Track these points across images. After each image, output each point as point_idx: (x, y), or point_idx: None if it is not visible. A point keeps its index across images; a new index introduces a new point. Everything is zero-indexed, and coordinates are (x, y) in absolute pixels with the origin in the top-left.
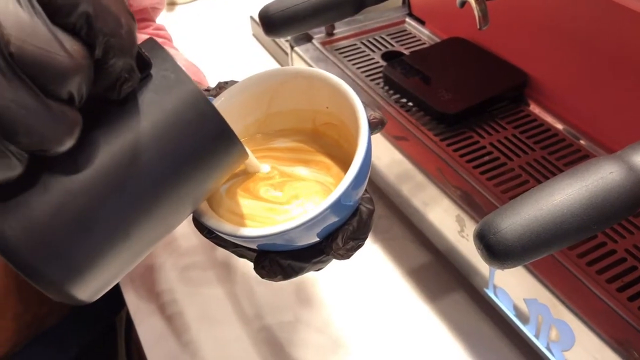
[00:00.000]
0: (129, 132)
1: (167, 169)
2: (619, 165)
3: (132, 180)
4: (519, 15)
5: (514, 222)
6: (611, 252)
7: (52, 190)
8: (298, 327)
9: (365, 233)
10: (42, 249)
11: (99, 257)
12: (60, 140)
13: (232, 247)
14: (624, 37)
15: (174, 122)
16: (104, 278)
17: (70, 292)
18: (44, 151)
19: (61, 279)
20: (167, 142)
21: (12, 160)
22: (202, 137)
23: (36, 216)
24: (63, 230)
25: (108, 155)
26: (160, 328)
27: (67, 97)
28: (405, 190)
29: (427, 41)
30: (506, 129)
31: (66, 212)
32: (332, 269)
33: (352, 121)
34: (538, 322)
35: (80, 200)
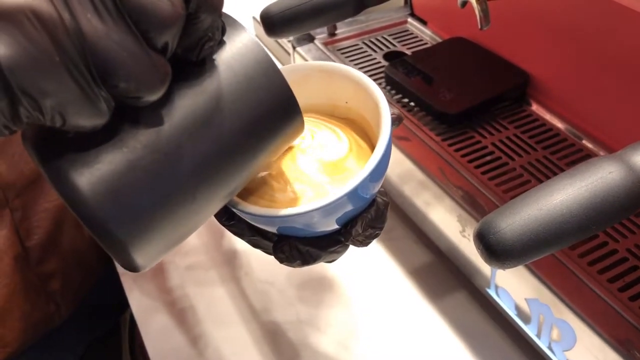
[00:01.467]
0: (203, 94)
1: (238, 132)
2: (618, 165)
3: (204, 140)
4: (520, 15)
5: (513, 222)
6: (612, 252)
7: (129, 145)
8: (301, 327)
9: (382, 223)
10: (114, 206)
11: (165, 219)
12: (154, 88)
13: (248, 235)
14: (625, 37)
15: (246, 87)
16: (165, 244)
17: (132, 254)
18: (137, 99)
19: (128, 239)
20: (238, 105)
21: (102, 106)
22: (270, 102)
23: (110, 171)
24: (135, 188)
25: (184, 114)
26: (163, 328)
27: (162, 46)
28: (407, 190)
29: (429, 41)
30: (508, 129)
31: (140, 169)
32: (335, 269)
33: (373, 116)
34: (539, 322)
35: (155, 157)
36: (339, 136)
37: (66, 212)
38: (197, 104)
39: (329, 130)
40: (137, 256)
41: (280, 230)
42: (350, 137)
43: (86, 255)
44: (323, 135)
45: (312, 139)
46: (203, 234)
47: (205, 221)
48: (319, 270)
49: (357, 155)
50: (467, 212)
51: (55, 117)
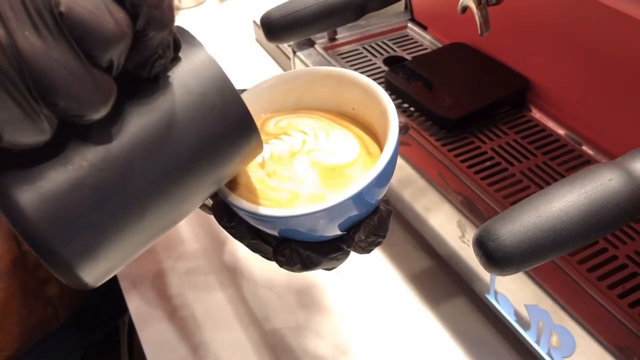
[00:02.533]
0: (155, 111)
1: (189, 152)
2: (618, 173)
3: (154, 159)
4: (520, 21)
5: (513, 228)
6: (612, 259)
7: (74, 163)
8: (301, 333)
9: (385, 231)
10: (57, 224)
11: (112, 238)
12: (97, 107)
13: (249, 238)
14: (625, 43)
15: (200, 105)
16: (112, 262)
17: (78, 273)
18: (78, 117)
19: (72, 258)
20: (191, 124)
21: (43, 124)
22: (225, 122)
23: (54, 189)
24: (80, 206)
25: (133, 131)
26: (162, 332)
27: (107, 64)
28: (406, 195)
29: (429, 46)
30: (508, 135)
31: (85, 187)
32: (335, 275)
33: (380, 121)
34: (539, 328)
35: (101, 175)
36: (351, 140)
37: None
38: (148, 122)
39: (342, 133)
40: (83, 275)
41: (282, 233)
42: (362, 142)
43: None
44: (336, 137)
45: (328, 138)
46: (203, 239)
47: (156, 239)
48: (318, 276)
49: (365, 162)
50: (466, 218)
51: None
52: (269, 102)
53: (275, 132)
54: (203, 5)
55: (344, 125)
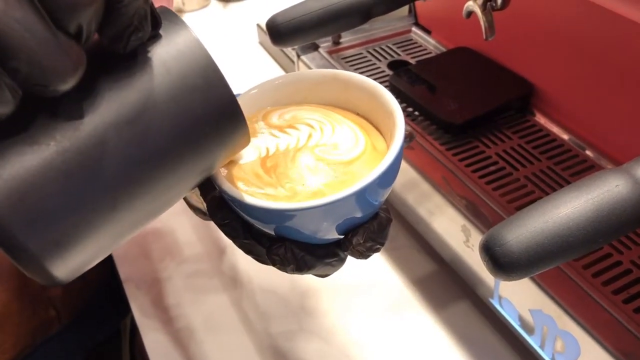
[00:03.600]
0: (130, 90)
1: (166, 136)
2: (625, 179)
3: (128, 140)
4: (525, 26)
5: (519, 234)
6: (617, 264)
7: (40, 142)
8: (303, 336)
9: (384, 238)
10: (23, 214)
11: (83, 229)
12: (63, 76)
13: (242, 237)
14: (630, 48)
15: (179, 86)
16: (84, 256)
17: (47, 268)
18: (43, 87)
19: (40, 251)
20: (169, 106)
21: (4, 93)
22: (206, 106)
23: (18, 172)
24: (48, 192)
25: (106, 110)
26: (166, 336)
27: (75, 30)
28: (410, 199)
29: (433, 51)
30: (512, 139)
31: (54, 172)
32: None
33: (387, 123)
34: (543, 333)
35: (70, 156)
36: (357, 135)
37: None
38: (123, 101)
39: (348, 127)
40: (54, 270)
41: (278, 231)
42: (368, 137)
43: None
44: (342, 132)
45: (333, 133)
46: (206, 243)
47: (133, 232)
48: (321, 280)
49: (370, 157)
50: (470, 222)
51: None
52: (273, 100)
53: (280, 125)
54: (207, 8)
55: (350, 118)
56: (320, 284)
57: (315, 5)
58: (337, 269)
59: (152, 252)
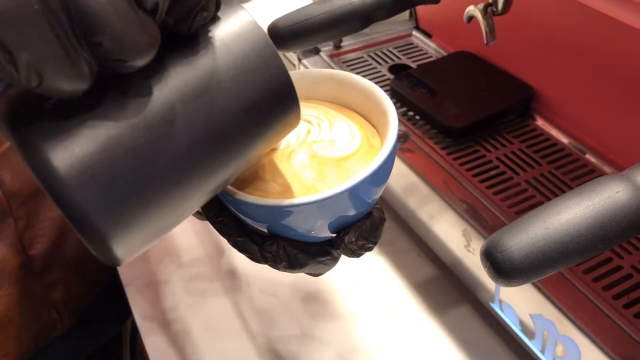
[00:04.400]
0: (195, 69)
1: (230, 113)
2: (625, 185)
3: (194, 118)
4: (525, 30)
5: (520, 240)
6: (617, 269)
7: (111, 119)
8: (304, 340)
9: (376, 237)
10: (92, 187)
11: (149, 208)
12: (141, 51)
13: (235, 235)
14: (629, 53)
15: (240, 66)
16: (146, 236)
17: (111, 245)
18: (121, 62)
19: (108, 229)
20: (232, 85)
21: (83, 68)
22: (265, 85)
23: (90, 147)
24: (117, 167)
25: (174, 88)
26: (166, 338)
27: (152, 7)
28: (411, 203)
29: (433, 55)
30: (513, 143)
31: (123, 147)
32: (338, 282)
33: (381, 122)
34: (544, 338)
35: (139, 134)
36: (353, 131)
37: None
38: (189, 80)
39: (345, 124)
40: (117, 247)
41: (271, 229)
42: (364, 133)
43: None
44: (339, 128)
45: (331, 129)
46: (208, 246)
47: (191, 212)
48: (322, 283)
49: (365, 153)
50: (471, 227)
51: (30, 75)
52: None
53: None
54: None
55: (347, 115)
56: (320, 288)
57: (317, 10)
58: (330, 268)
59: (153, 256)
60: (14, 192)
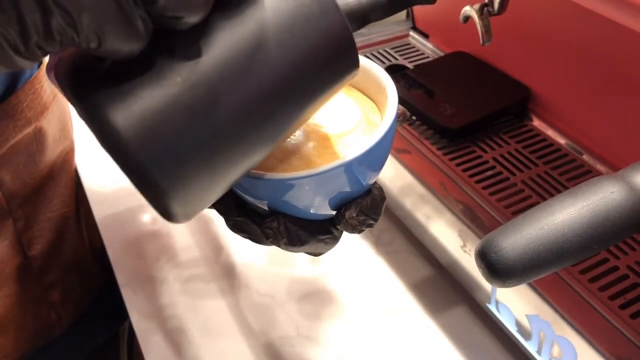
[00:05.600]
0: (250, 21)
1: (286, 65)
2: (620, 185)
3: (250, 74)
4: (522, 31)
5: (515, 240)
6: (613, 269)
7: (167, 78)
8: (301, 341)
9: (377, 214)
10: (154, 147)
11: (206, 165)
12: (196, 7)
13: (235, 214)
14: (626, 54)
15: (297, 14)
16: (203, 194)
17: (171, 202)
18: (176, 19)
19: (169, 187)
20: (287, 35)
21: (140, 25)
22: (323, 34)
23: (149, 107)
24: (176, 126)
25: (226, 44)
26: (163, 339)
27: None
28: (407, 203)
29: (430, 55)
30: (509, 144)
31: (181, 105)
32: (335, 282)
33: (380, 100)
34: (540, 339)
35: (196, 91)
36: (352, 107)
37: (68, 221)
38: (243, 34)
39: (342, 99)
40: (176, 205)
41: (271, 204)
42: (363, 109)
43: (87, 266)
44: (336, 103)
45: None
46: (204, 247)
47: (246, 170)
48: (319, 284)
49: (364, 130)
50: (467, 227)
51: (90, 37)
52: None
53: None
54: None
55: (346, 91)
56: (317, 288)
57: None
58: (329, 248)
59: (149, 257)
60: (14, 192)
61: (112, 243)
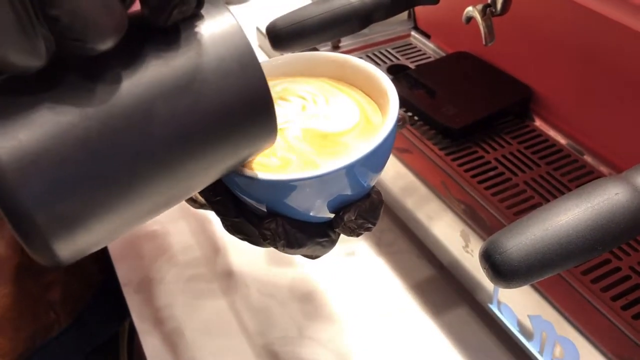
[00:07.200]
0: (164, 66)
1: (197, 117)
2: (624, 187)
3: (155, 120)
4: (524, 31)
5: (519, 242)
6: (616, 270)
7: (65, 106)
8: (302, 342)
9: (375, 218)
10: (36, 183)
11: (96, 208)
12: (103, 34)
13: (233, 215)
14: (628, 54)
15: (215, 68)
16: (92, 237)
17: (52, 246)
18: (80, 43)
19: (47, 225)
20: (202, 87)
21: (39, 43)
22: (240, 92)
23: (37, 135)
24: (64, 161)
25: (136, 84)
26: (164, 340)
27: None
28: (409, 203)
29: (432, 55)
30: (511, 144)
31: (73, 140)
32: (336, 282)
33: (381, 103)
34: (542, 339)
35: (94, 126)
36: (351, 106)
37: None
38: (157, 76)
39: (342, 99)
40: (59, 248)
41: (271, 206)
42: (362, 109)
43: (87, 265)
44: (336, 103)
45: (327, 104)
46: (205, 247)
47: (142, 220)
48: (320, 284)
49: (363, 130)
50: (470, 227)
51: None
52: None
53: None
54: None
55: (344, 91)
56: (318, 288)
57: (316, 10)
58: (326, 251)
59: (150, 256)
60: None
61: (112, 242)
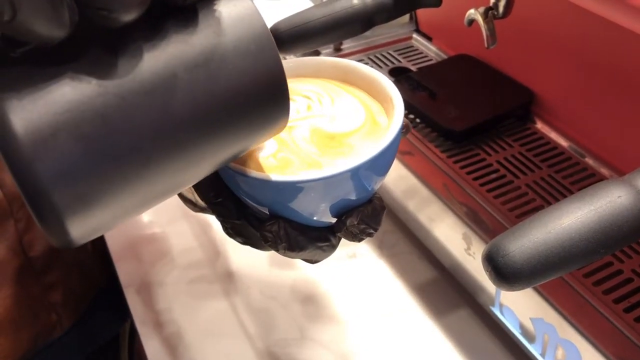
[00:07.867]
0: (184, 44)
1: (212, 97)
2: (626, 190)
3: (172, 97)
4: (526, 34)
5: (522, 244)
6: (618, 272)
7: (82, 80)
8: (304, 344)
9: (377, 223)
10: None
11: (111, 186)
12: (128, 5)
13: (234, 217)
14: (630, 58)
15: (232, 49)
16: (104, 218)
17: (65, 225)
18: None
19: (63, 203)
20: (219, 66)
21: (63, 12)
22: (255, 73)
23: (55, 105)
24: (82, 134)
25: (155, 60)
26: (165, 340)
27: None
28: (411, 206)
29: (434, 58)
30: (513, 147)
31: (92, 111)
32: (337, 283)
33: (386, 108)
34: (544, 342)
35: (113, 100)
36: (356, 107)
37: None
38: (175, 54)
39: (347, 99)
40: (71, 227)
41: (274, 207)
42: (368, 110)
43: (88, 266)
44: (341, 103)
45: (333, 104)
46: (207, 248)
47: (155, 200)
48: (321, 285)
49: (369, 130)
50: (471, 230)
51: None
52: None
53: None
54: None
55: (352, 92)
56: (320, 290)
57: (318, 12)
58: (326, 256)
59: (152, 258)
60: (16, 194)
61: (114, 244)
